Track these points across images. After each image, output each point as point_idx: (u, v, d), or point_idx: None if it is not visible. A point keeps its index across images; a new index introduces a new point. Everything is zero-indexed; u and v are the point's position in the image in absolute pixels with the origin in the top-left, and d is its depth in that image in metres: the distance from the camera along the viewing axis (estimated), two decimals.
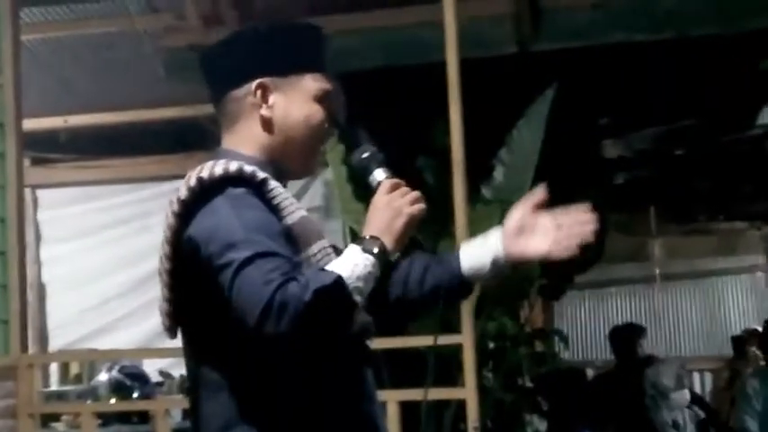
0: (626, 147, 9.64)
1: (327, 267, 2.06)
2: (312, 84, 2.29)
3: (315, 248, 2.18)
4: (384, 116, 6.18)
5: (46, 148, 8.72)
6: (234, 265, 1.99)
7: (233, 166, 2.14)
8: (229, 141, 2.31)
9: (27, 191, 7.03)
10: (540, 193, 2.44)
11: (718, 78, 7.90)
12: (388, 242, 2.13)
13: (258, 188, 2.15)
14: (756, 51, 6.29)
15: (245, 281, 1.97)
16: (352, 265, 2.05)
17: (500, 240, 2.41)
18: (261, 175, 2.16)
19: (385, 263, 2.12)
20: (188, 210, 2.13)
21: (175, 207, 2.15)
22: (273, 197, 2.16)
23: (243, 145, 2.28)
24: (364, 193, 5.28)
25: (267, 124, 2.27)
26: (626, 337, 7.95)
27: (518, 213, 2.43)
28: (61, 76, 7.99)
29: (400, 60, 6.51)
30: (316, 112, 2.29)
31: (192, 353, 2.25)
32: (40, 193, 9.34)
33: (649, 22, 6.43)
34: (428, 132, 5.91)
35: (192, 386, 2.26)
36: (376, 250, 2.09)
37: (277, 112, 2.27)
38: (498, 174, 6.03)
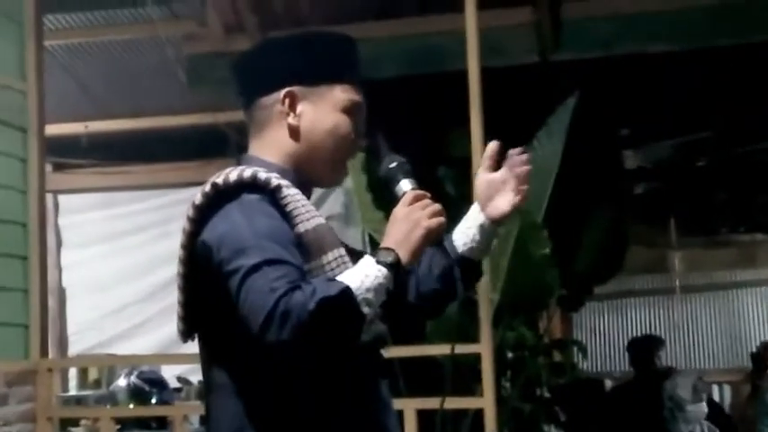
0: (646, 158, 9.63)
1: (339, 278, 2.05)
2: (341, 95, 2.28)
3: (330, 257, 2.16)
4: (405, 125, 6.19)
5: (67, 154, 8.75)
6: (242, 271, 2.01)
7: (248, 172, 2.15)
8: (256, 148, 2.31)
9: (48, 196, 7.06)
10: (489, 150, 2.42)
11: (737, 89, 7.89)
12: (404, 254, 2.11)
13: (272, 195, 2.15)
14: None
15: (252, 287, 1.98)
16: (363, 276, 2.04)
17: (478, 210, 2.39)
18: (275, 182, 2.16)
19: (398, 274, 2.10)
20: (202, 215, 2.15)
21: (191, 212, 2.17)
22: (287, 204, 2.16)
23: (268, 152, 2.28)
24: (386, 201, 5.28)
25: (294, 133, 2.27)
26: (644, 348, 7.92)
27: (482, 180, 2.41)
28: (83, 82, 8.02)
29: (421, 69, 6.52)
30: (343, 123, 2.28)
31: (204, 356, 2.26)
32: (62, 198, 9.38)
33: (669, 33, 6.43)
34: (448, 142, 5.92)
35: (205, 389, 2.28)
36: (389, 261, 2.08)
37: (304, 121, 2.27)
38: None
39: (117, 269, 9.34)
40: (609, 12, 6.51)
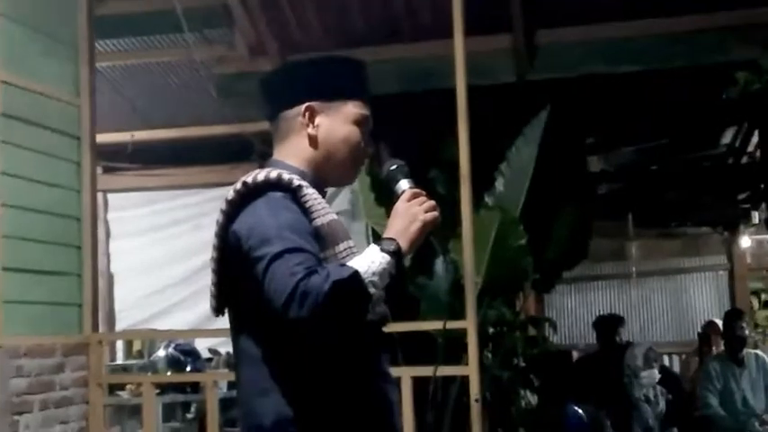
0: (608, 162, 9.62)
1: (348, 263, 2.07)
2: (353, 109, 2.31)
3: (341, 247, 2.18)
4: (401, 135, 6.18)
5: (115, 159, 8.77)
6: (267, 257, 2.02)
7: (273, 173, 2.16)
8: (280, 153, 2.32)
9: (99, 195, 7.06)
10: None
11: (688, 105, 7.89)
12: (404, 244, 2.14)
13: (294, 193, 2.16)
14: (720, 82, 6.26)
15: (275, 272, 2.00)
16: (369, 261, 2.06)
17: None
18: (296, 182, 2.17)
19: (399, 261, 2.13)
20: (234, 208, 2.17)
21: (224, 206, 2.19)
22: (306, 201, 2.17)
23: (291, 157, 2.29)
24: (386, 199, 5.30)
25: (313, 141, 2.29)
26: (608, 325, 7.92)
27: None
28: (129, 98, 8.02)
29: (416, 86, 6.51)
30: (354, 133, 2.31)
31: (235, 330, 2.26)
32: (110, 196, 9.39)
33: (628, 56, 6.42)
34: (439, 149, 5.91)
35: (235, 358, 2.28)
36: (392, 249, 2.11)
37: (321, 131, 2.29)
38: (499, 184, 6.01)
39: (157, 257, 9.35)
40: (577, 38, 6.51)
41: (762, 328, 10.23)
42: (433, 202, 2.22)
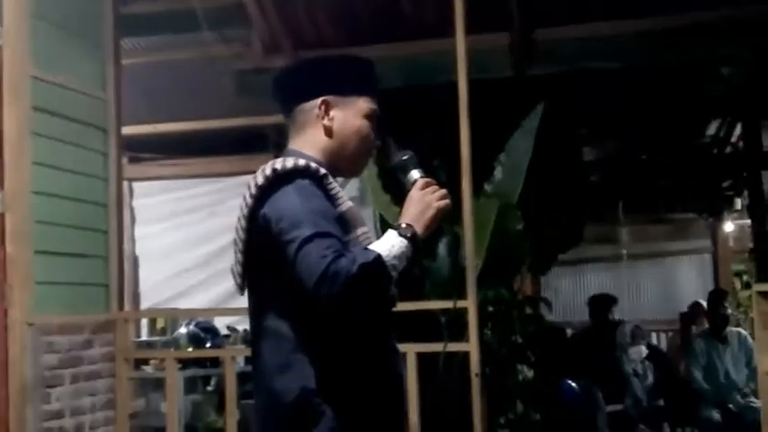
0: (600, 152, 9.61)
1: (371, 246, 2.11)
2: (364, 104, 2.33)
3: (359, 231, 2.22)
4: (407, 126, 6.18)
5: (140, 149, 8.77)
6: (298, 240, 2.03)
7: (301, 161, 2.18)
8: (296, 144, 2.33)
9: (124, 183, 7.07)
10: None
11: (675, 98, 7.87)
12: (419, 229, 2.16)
13: (320, 181, 2.18)
14: (706, 77, 6.26)
15: (306, 254, 2.01)
16: (390, 245, 2.09)
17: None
18: (322, 170, 2.20)
19: (416, 246, 2.15)
20: (263, 193, 2.16)
21: (253, 191, 2.17)
22: (332, 189, 2.20)
23: (307, 147, 2.30)
24: (393, 187, 5.29)
25: (328, 132, 2.30)
26: (601, 304, 7.94)
27: None
28: (152, 92, 8.02)
29: (420, 81, 6.50)
30: (365, 126, 2.33)
31: (257, 307, 2.26)
32: (135, 185, 9.40)
33: (620, 52, 6.40)
34: (442, 140, 5.91)
35: (254, 335, 2.28)
36: (409, 235, 2.13)
37: (336, 123, 2.30)
38: (498, 173, 6.01)
39: (178, 241, 9.37)
40: (572, 36, 6.48)
41: (744, 308, 10.23)
42: (444, 191, 2.25)
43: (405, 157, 2.32)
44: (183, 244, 9.38)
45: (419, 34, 6.56)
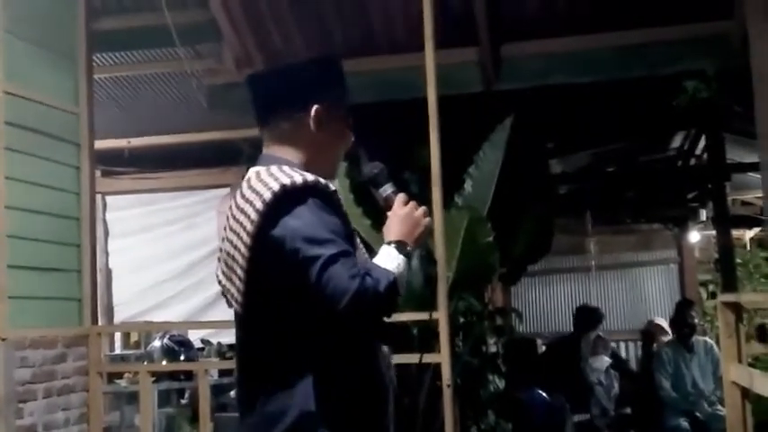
0: (568, 165, 9.66)
1: (381, 264, 2.10)
2: (345, 111, 2.31)
3: (360, 248, 2.25)
4: (378, 140, 6.17)
5: (113, 163, 8.73)
6: (321, 259, 1.99)
7: (309, 177, 2.11)
8: (278, 150, 2.26)
9: (98, 197, 7.03)
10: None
11: (640, 112, 7.92)
12: (412, 246, 2.19)
13: (330, 197, 2.13)
14: (670, 91, 6.29)
15: (334, 274, 1.98)
16: (396, 264, 2.10)
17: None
18: (332, 186, 2.15)
19: (410, 262, 2.18)
20: (271, 210, 2.06)
21: (259, 206, 2.07)
22: (341, 205, 2.17)
23: (290, 153, 2.24)
24: (363, 201, 5.28)
25: (316, 139, 2.24)
26: (588, 317, 8.00)
27: None
28: (125, 107, 7.99)
29: (391, 96, 6.50)
30: (347, 134, 2.31)
31: (253, 326, 2.17)
32: (109, 198, 9.35)
33: (586, 67, 6.44)
34: (412, 153, 5.91)
35: (246, 353, 2.21)
36: (408, 251, 2.16)
37: (325, 130, 2.25)
38: (467, 185, 6.02)
39: (152, 254, 9.32)
40: (539, 51, 6.51)
41: (709, 317, 10.28)
42: (425, 208, 2.27)
43: (375, 171, 2.31)
44: (157, 257, 9.34)
45: (389, 49, 6.57)
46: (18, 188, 4.72)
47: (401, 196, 2.27)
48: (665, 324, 8.19)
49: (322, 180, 2.13)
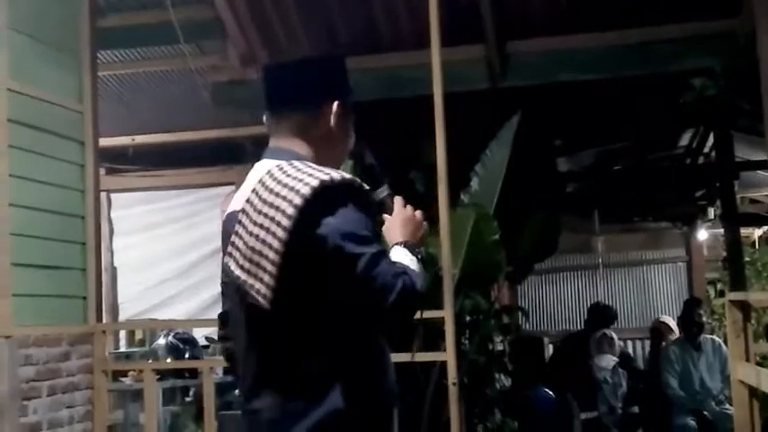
0: (575, 163, 9.66)
1: (406, 263, 2.16)
2: (351, 108, 2.32)
3: None
4: (384, 139, 6.18)
5: (118, 161, 8.75)
6: (366, 256, 2.00)
7: (345, 174, 2.10)
8: (286, 142, 2.24)
9: (102, 195, 7.06)
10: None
11: (649, 109, 7.92)
12: (417, 247, 2.27)
13: (365, 196, 2.13)
14: (678, 88, 6.29)
15: (381, 272, 2.01)
16: (415, 264, 2.18)
17: None
18: (365, 186, 2.14)
19: None
20: (310, 206, 2.00)
21: (297, 201, 2.00)
22: (372, 204, 2.19)
23: (299, 146, 2.22)
24: None
25: (331, 134, 2.25)
26: (602, 315, 8.01)
27: None
28: (130, 105, 8.01)
29: (397, 93, 6.51)
30: (353, 131, 2.33)
31: (278, 324, 2.09)
32: (114, 196, 9.38)
33: (593, 65, 6.44)
34: (418, 151, 5.92)
35: (263, 350, 2.14)
36: (417, 252, 2.23)
37: (339, 127, 2.26)
38: (474, 183, 6.02)
39: (157, 252, 9.34)
40: (545, 48, 6.52)
41: (718, 315, 10.28)
42: (421, 211, 2.34)
43: (373, 172, 2.36)
44: (162, 255, 9.36)
45: (395, 47, 6.58)
46: (22, 186, 4.74)
47: (399, 199, 2.30)
48: (672, 322, 8.18)
49: (357, 179, 2.12)
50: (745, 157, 9.07)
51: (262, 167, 2.17)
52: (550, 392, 6.93)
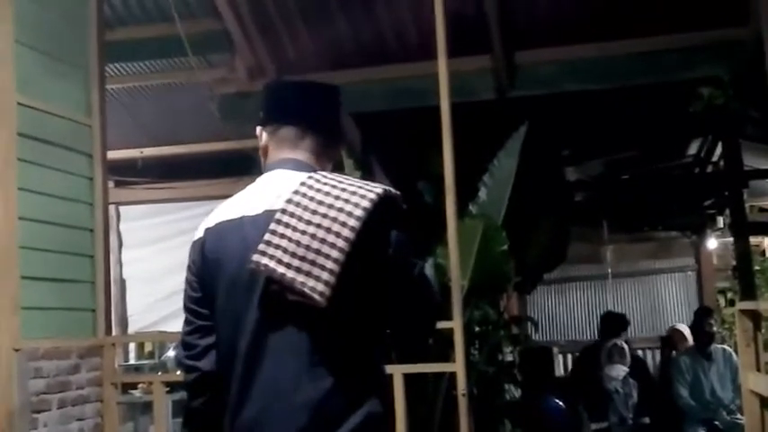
0: (583, 172, 9.65)
1: None
2: None
3: None
4: (392, 150, 6.18)
5: (126, 173, 8.77)
6: (419, 266, 2.19)
7: (395, 189, 2.18)
8: (307, 157, 2.30)
9: (111, 207, 7.06)
10: None
11: (657, 118, 7.91)
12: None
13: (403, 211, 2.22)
14: (686, 97, 6.29)
15: (429, 278, 2.24)
16: None
17: None
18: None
19: None
20: (377, 211, 2.05)
21: (366, 204, 2.04)
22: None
23: (318, 164, 2.29)
24: None
25: (335, 158, 2.40)
26: (615, 323, 7.98)
27: None
28: (138, 117, 8.03)
29: (404, 104, 6.52)
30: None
31: (321, 327, 2.09)
32: (122, 208, 9.39)
33: (600, 74, 6.45)
34: (426, 162, 5.92)
35: (319, 344, 2.10)
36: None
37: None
38: (482, 194, 6.02)
39: (166, 264, 9.33)
40: (553, 58, 6.53)
41: (728, 325, 10.25)
42: None
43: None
44: (171, 267, 9.35)
45: (402, 58, 6.59)
46: (31, 199, 4.75)
47: None
48: (686, 331, 8.16)
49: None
50: (754, 166, 9.05)
51: (287, 175, 2.23)
52: (560, 403, 6.91)
